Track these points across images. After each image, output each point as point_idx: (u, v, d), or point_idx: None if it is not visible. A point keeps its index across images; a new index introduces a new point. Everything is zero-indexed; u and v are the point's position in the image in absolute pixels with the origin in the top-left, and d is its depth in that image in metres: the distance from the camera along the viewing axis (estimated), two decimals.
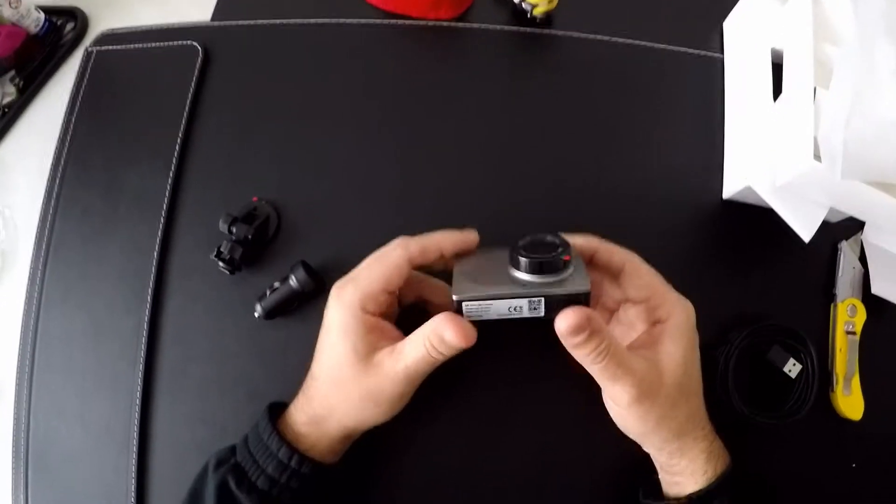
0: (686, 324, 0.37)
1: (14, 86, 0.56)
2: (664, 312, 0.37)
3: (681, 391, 0.36)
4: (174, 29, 0.54)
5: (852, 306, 0.46)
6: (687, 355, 0.36)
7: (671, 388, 0.35)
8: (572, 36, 0.53)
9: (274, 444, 0.36)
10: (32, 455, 0.45)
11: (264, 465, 0.36)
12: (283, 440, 0.36)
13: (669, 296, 0.37)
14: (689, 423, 0.37)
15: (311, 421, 0.37)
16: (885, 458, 0.45)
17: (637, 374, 0.34)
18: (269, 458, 0.36)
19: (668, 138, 0.50)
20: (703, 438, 0.37)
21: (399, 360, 0.35)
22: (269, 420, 0.37)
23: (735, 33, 0.52)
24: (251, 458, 0.36)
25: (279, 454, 0.36)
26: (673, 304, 0.37)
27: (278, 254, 0.47)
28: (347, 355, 0.35)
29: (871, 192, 0.37)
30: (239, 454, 0.37)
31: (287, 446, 0.36)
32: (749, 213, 0.47)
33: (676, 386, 0.36)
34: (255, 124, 0.50)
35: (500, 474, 0.43)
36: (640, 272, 0.38)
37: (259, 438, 0.37)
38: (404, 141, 0.50)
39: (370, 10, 0.54)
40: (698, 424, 0.37)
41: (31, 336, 0.47)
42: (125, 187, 0.49)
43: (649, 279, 0.38)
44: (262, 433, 0.37)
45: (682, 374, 0.36)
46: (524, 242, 0.35)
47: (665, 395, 0.35)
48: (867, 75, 0.37)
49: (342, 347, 0.36)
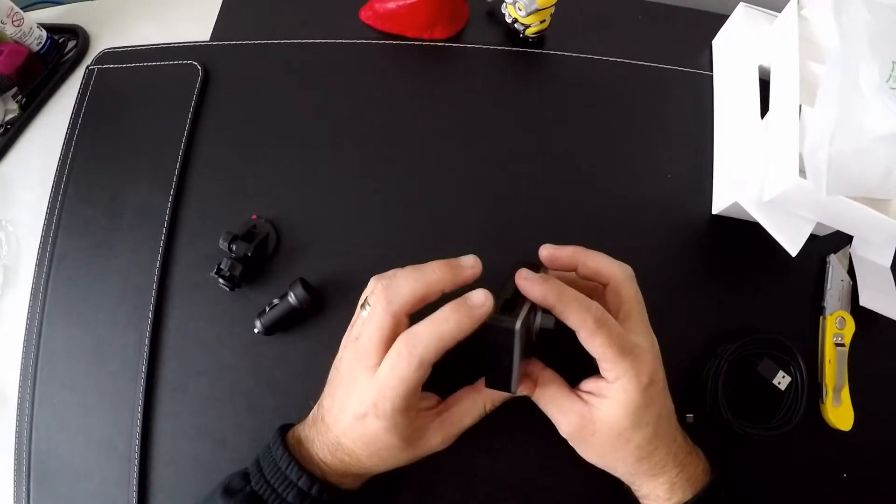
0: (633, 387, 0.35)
1: (16, 102, 0.57)
2: (610, 374, 0.35)
3: (622, 439, 0.36)
4: (174, 48, 0.55)
5: (841, 318, 0.46)
6: (633, 412, 0.35)
7: (606, 436, 0.36)
8: (564, 55, 0.54)
9: (294, 473, 0.35)
10: (34, 468, 0.45)
11: (284, 493, 0.35)
12: (304, 469, 0.36)
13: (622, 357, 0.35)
14: (642, 464, 0.37)
15: (344, 471, 0.37)
16: (876, 467, 0.45)
17: (567, 416, 0.37)
18: (289, 487, 0.35)
19: (659, 155, 0.51)
20: (661, 473, 0.37)
21: (456, 427, 0.38)
22: (285, 447, 0.37)
23: (724, 51, 0.53)
24: (269, 485, 0.36)
25: (300, 483, 0.35)
26: (622, 370, 0.35)
27: (277, 271, 0.47)
28: (398, 445, 0.36)
29: (856, 207, 0.37)
30: (254, 482, 0.36)
31: (308, 475, 0.35)
32: (738, 227, 0.48)
33: (615, 435, 0.36)
34: (254, 143, 0.51)
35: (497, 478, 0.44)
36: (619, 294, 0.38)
37: (276, 466, 0.36)
38: (401, 159, 0.50)
39: (367, 31, 0.55)
40: (657, 464, 0.37)
41: (34, 350, 0.47)
42: (126, 204, 0.50)
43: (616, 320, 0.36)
44: (280, 461, 0.36)
45: (624, 426, 0.36)
46: None
47: (600, 443, 0.37)
48: (851, 91, 0.37)
49: (394, 442, 0.35)
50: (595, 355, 0.35)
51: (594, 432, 0.36)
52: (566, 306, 0.34)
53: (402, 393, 0.34)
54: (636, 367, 0.35)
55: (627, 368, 0.35)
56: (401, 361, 0.33)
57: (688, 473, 0.37)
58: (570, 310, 0.34)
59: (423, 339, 0.33)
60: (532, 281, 0.35)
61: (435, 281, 0.36)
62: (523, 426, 0.44)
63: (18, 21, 0.56)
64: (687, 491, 0.37)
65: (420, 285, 0.35)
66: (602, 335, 0.34)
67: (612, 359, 0.35)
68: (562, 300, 0.34)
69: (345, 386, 0.37)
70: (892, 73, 0.37)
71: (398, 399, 0.34)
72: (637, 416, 0.35)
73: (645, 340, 0.37)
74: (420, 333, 0.34)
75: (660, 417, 0.36)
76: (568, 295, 0.34)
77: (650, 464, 0.37)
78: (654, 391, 0.36)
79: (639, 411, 0.35)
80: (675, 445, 0.38)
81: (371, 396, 0.34)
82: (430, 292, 0.36)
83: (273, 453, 0.37)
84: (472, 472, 0.43)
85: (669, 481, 0.37)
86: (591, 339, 0.34)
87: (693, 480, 0.37)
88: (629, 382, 0.35)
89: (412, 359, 0.33)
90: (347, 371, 0.37)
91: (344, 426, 0.36)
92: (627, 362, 0.35)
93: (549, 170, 0.50)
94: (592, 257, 0.39)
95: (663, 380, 0.37)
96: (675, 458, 0.37)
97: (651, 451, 0.36)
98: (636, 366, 0.35)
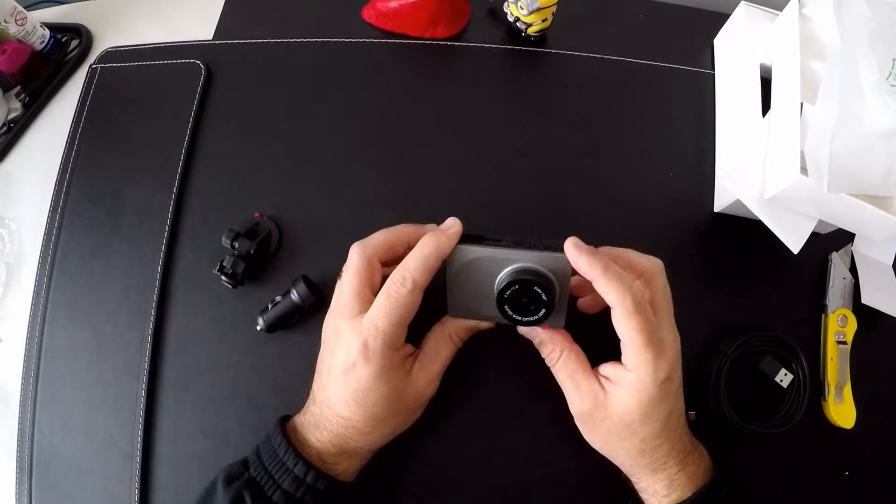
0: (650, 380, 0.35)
1: (20, 101, 0.57)
2: (630, 362, 0.36)
3: (630, 430, 0.36)
4: (177, 47, 0.56)
5: (843, 316, 0.46)
6: (646, 405, 0.35)
7: (615, 424, 0.37)
8: (566, 54, 0.54)
9: (290, 460, 0.36)
10: (36, 466, 0.45)
11: (280, 479, 0.36)
12: (300, 456, 0.36)
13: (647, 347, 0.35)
14: (644, 457, 0.37)
15: (341, 451, 0.37)
16: (877, 465, 0.45)
17: (582, 395, 0.38)
18: (285, 474, 0.36)
19: (661, 153, 0.51)
20: (662, 469, 0.37)
21: (433, 364, 0.39)
22: (283, 435, 0.37)
23: (725, 50, 0.53)
24: (266, 472, 0.36)
25: (295, 470, 0.36)
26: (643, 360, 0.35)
27: (280, 268, 0.47)
28: (389, 396, 0.36)
29: (857, 204, 0.37)
30: (253, 469, 0.37)
31: (304, 462, 0.36)
32: (740, 225, 0.48)
33: (623, 425, 0.36)
34: (256, 141, 0.51)
35: (495, 481, 0.44)
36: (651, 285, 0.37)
37: (274, 454, 0.37)
38: (403, 156, 0.51)
39: (369, 30, 0.56)
40: (658, 460, 0.37)
41: (37, 348, 0.47)
42: (129, 202, 0.50)
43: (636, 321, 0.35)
44: (278, 449, 0.37)
45: (634, 418, 0.36)
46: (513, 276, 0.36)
47: (607, 429, 0.37)
48: (851, 89, 0.37)
49: (385, 391, 0.36)
50: (623, 338, 0.35)
51: (604, 417, 0.37)
52: (609, 280, 0.34)
53: (395, 320, 0.35)
54: (657, 361, 0.35)
55: (649, 360, 0.35)
56: (394, 285, 0.35)
57: (688, 472, 0.37)
58: (612, 285, 0.34)
59: (411, 264, 0.36)
60: (580, 249, 0.35)
61: (402, 232, 0.39)
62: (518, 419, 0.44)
63: (22, 20, 0.56)
64: (686, 489, 0.37)
65: (389, 234, 0.39)
66: (637, 319, 0.34)
67: (639, 346, 0.35)
68: (606, 273, 0.34)
69: (329, 349, 0.38)
70: (893, 70, 0.37)
71: (390, 329, 0.35)
72: (648, 409, 0.35)
73: (669, 335, 0.37)
74: (407, 261, 0.36)
75: (670, 415, 0.36)
76: (613, 270, 0.34)
77: (652, 458, 0.37)
78: (669, 388, 0.36)
79: (651, 405, 0.35)
80: (680, 444, 0.38)
81: (360, 339, 0.35)
82: (397, 240, 0.39)
83: (272, 441, 0.37)
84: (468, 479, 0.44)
85: (669, 478, 0.37)
86: (626, 319, 0.34)
87: (694, 478, 0.37)
88: (647, 375, 0.35)
89: (406, 281, 0.35)
90: (332, 333, 0.38)
91: (334, 389, 0.37)
92: (651, 353, 0.35)
93: (551, 168, 0.51)
94: (624, 251, 0.39)
95: (679, 378, 0.37)
96: (678, 455, 0.37)
97: (655, 447, 0.37)
98: (658, 359, 0.35)
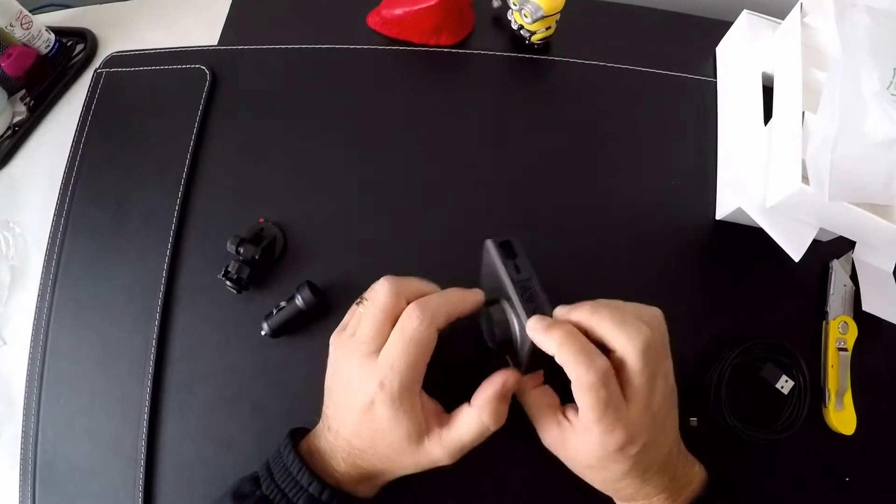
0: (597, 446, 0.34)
1: (25, 105, 0.57)
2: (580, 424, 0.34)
3: (591, 469, 0.36)
4: (182, 52, 0.56)
5: (844, 323, 0.47)
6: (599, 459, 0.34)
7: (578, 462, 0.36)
8: (569, 61, 0.54)
9: (304, 478, 0.35)
10: (40, 469, 0.45)
11: (295, 498, 0.35)
12: (314, 475, 0.36)
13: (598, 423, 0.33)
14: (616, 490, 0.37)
15: (359, 476, 0.37)
16: (878, 471, 0.45)
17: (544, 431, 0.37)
18: (300, 492, 0.35)
19: (663, 160, 0.52)
20: (641, 498, 0.36)
21: (454, 439, 0.35)
22: (295, 451, 0.37)
23: (727, 58, 0.54)
24: (279, 490, 0.36)
25: (310, 489, 0.35)
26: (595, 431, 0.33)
27: (284, 274, 0.47)
28: (402, 440, 0.35)
29: (858, 212, 0.38)
30: (265, 486, 0.36)
31: (318, 481, 0.35)
32: (742, 233, 0.48)
33: (584, 465, 0.36)
34: (261, 146, 0.52)
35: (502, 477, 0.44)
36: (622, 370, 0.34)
37: (287, 471, 0.36)
38: (407, 163, 0.51)
39: (374, 37, 0.56)
40: (634, 492, 0.36)
41: (41, 351, 0.47)
42: (134, 207, 0.50)
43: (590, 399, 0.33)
44: (291, 466, 0.36)
45: (591, 464, 0.35)
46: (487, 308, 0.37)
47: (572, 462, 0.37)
48: (853, 98, 0.37)
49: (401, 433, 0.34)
50: (578, 406, 0.34)
51: (566, 457, 0.37)
52: (565, 356, 0.33)
53: (412, 360, 0.33)
54: (606, 436, 0.33)
55: (597, 433, 0.33)
56: (412, 321, 0.33)
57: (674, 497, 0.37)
58: (568, 360, 0.33)
59: (433, 302, 0.34)
60: (536, 331, 0.34)
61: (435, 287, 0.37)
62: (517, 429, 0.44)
63: (27, 24, 0.56)
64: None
65: (428, 288, 0.37)
66: (590, 397, 0.32)
67: (588, 421, 0.33)
68: (561, 350, 0.33)
69: (344, 384, 0.36)
70: (893, 79, 0.37)
71: (406, 370, 0.33)
72: (602, 464, 0.35)
73: (637, 413, 0.33)
74: (430, 299, 0.35)
75: (637, 462, 0.34)
76: (569, 347, 0.32)
77: (624, 492, 0.36)
78: (624, 453, 0.34)
79: (603, 461, 0.34)
80: (667, 477, 0.36)
81: (377, 378, 0.33)
82: (430, 288, 0.37)
83: (284, 458, 0.37)
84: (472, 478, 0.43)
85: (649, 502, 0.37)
86: (579, 395, 0.33)
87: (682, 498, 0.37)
88: (596, 443, 0.33)
89: (424, 316, 0.33)
90: (345, 368, 0.36)
91: (352, 426, 0.35)
92: (602, 427, 0.33)
93: (554, 175, 0.51)
94: (600, 323, 0.34)
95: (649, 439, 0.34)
96: (658, 485, 0.36)
97: (624, 485, 0.36)
98: (608, 434, 0.33)
